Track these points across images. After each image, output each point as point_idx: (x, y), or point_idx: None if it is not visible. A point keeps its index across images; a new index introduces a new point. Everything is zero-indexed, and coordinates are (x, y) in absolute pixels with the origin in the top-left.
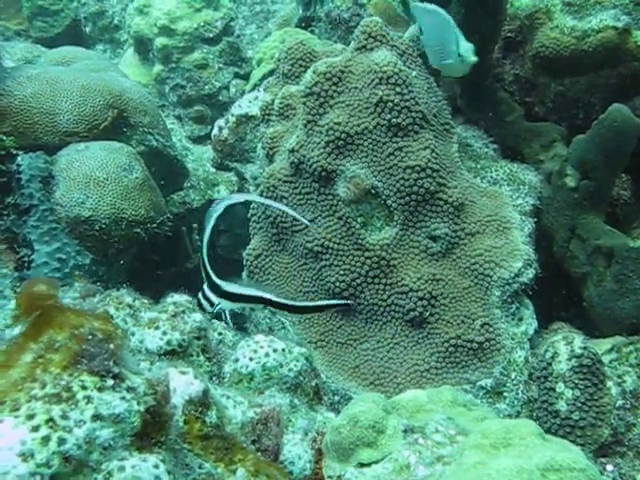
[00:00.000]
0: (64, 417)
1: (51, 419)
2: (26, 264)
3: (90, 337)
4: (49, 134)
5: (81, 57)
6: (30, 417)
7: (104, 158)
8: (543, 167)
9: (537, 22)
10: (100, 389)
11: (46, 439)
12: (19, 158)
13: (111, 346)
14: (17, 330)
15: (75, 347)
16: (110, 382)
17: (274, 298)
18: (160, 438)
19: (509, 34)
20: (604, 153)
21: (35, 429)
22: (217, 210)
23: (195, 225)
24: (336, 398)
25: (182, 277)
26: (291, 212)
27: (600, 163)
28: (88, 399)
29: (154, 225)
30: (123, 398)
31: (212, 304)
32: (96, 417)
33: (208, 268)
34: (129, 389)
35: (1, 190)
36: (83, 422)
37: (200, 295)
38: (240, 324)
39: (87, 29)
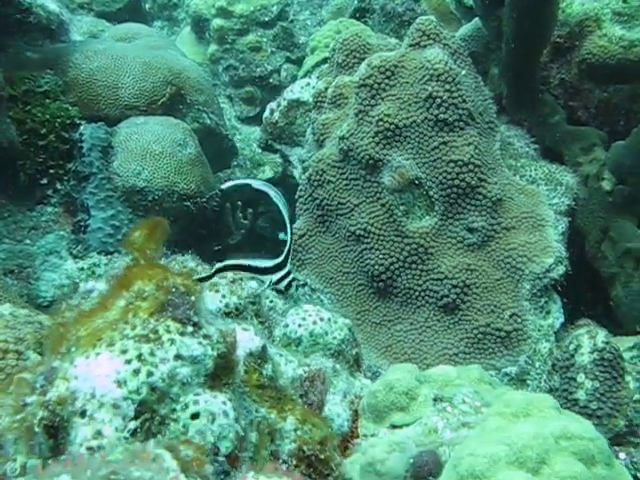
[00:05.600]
0: (152, 354)
1: (141, 355)
2: (82, 228)
3: (174, 289)
4: (111, 107)
5: (143, 34)
6: (123, 352)
7: (161, 133)
8: (581, 169)
9: (586, 29)
10: (182, 334)
11: (136, 371)
12: (82, 127)
13: (192, 298)
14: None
15: (162, 297)
16: (190, 329)
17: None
18: (228, 380)
19: (558, 39)
20: None
21: (128, 362)
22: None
23: (239, 203)
24: (368, 374)
25: (223, 253)
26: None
27: (636, 169)
28: (172, 341)
29: (203, 200)
30: (200, 343)
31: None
32: (178, 357)
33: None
34: (205, 336)
35: (63, 157)
36: (167, 360)
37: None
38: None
39: (147, 5)
